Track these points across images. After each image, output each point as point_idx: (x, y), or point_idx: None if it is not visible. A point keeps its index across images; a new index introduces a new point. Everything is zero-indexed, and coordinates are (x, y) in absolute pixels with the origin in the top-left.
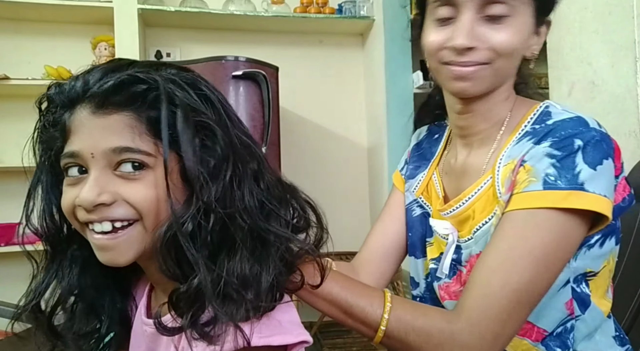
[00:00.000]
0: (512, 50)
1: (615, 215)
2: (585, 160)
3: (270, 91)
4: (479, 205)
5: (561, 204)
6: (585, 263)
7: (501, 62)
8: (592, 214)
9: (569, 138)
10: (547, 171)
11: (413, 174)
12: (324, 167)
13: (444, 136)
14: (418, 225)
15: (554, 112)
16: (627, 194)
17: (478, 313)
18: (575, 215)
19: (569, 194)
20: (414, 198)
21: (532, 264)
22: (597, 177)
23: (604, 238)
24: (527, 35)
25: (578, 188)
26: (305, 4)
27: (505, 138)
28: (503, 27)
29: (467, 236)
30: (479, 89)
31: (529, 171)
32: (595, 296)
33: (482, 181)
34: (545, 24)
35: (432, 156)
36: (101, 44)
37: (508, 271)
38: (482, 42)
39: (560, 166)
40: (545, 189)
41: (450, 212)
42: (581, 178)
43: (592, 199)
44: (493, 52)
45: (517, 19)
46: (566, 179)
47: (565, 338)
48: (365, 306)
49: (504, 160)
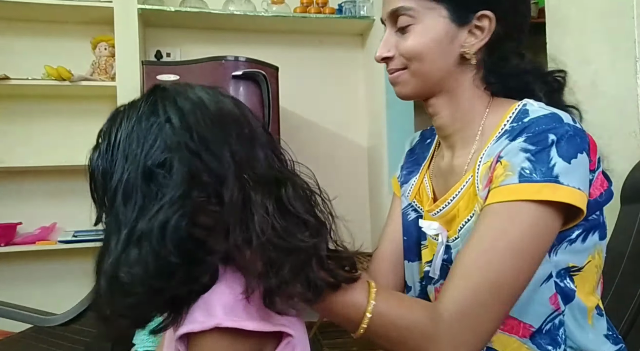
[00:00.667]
0: (418, 53)
1: (593, 210)
2: (560, 154)
3: (270, 91)
4: (462, 204)
5: (536, 196)
6: (567, 258)
7: (416, 65)
8: (568, 207)
9: (543, 133)
10: (522, 165)
11: (407, 179)
12: (324, 168)
13: (435, 140)
14: (413, 229)
15: (531, 109)
16: (604, 189)
17: (460, 308)
18: (551, 207)
19: (543, 186)
20: (409, 202)
21: (511, 256)
22: (571, 170)
23: (585, 233)
24: (442, 36)
25: (552, 180)
26: (305, 4)
27: (486, 138)
28: (409, 34)
29: (454, 236)
30: (408, 90)
31: (505, 166)
32: (581, 291)
33: (464, 180)
34: (483, 18)
35: (424, 160)
36: (101, 44)
37: (487, 263)
38: (396, 50)
39: (535, 160)
40: (520, 182)
41: (438, 212)
42: (556, 171)
43: (566, 191)
44: (404, 58)
45: (422, 25)
46: (541, 172)
47: (554, 335)
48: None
49: (483, 159)
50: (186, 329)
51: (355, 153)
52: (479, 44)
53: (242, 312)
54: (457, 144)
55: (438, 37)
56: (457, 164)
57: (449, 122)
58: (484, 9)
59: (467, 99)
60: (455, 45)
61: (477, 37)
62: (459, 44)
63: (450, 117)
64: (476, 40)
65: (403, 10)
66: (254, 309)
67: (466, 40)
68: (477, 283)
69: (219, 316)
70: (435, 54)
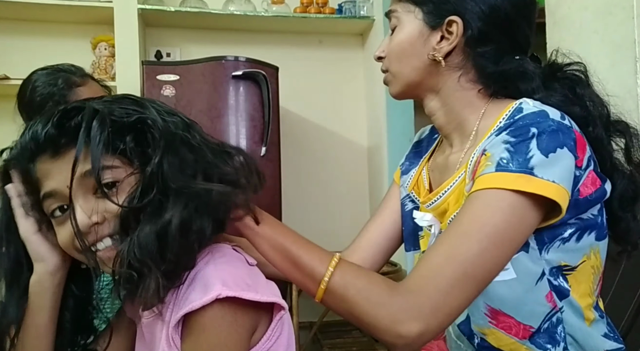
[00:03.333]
0: (395, 53)
1: (584, 208)
2: (539, 147)
3: (270, 91)
4: (452, 198)
5: (511, 185)
6: (559, 257)
7: (394, 65)
8: (546, 200)
9: (525, 126)
10: (501, 155)
11: (407, 170)
12: (324, 168)
13: (439, 136)
14: (409, 219)
15: (525, 108)
16: (596, 187)
17: (420, 280)
18: (526, 198)
19: (518, 177)
20: (407, 193)
21: (481, 239)
22: (548, 164)
23: (580, 232)
24: (416, 37)
25: (527, 172)
26: (305, 4)
27: (481, 136)
28: (394, 35)
29: (445, 229)
30: (393, 90)
31: (487, 157)
32: (575, 291)
33: (457, 175)
34: (452, 23)
35: (426, 153)
36: (101, 44)
37: (456, 244)
38: (386, 51)
39: (514, 151)
40: (497, 171)
41: (431, 204)
42: (532, 163)
43: (541, 184)
44: (388, 58)
45: (402, 27)
46: (517, 163)
47: (552, 333)
48: (313, 260)
49: (475, 155)
50: (186, 309)
51: (355, 153)
52: (448, 48)
53: (238, 284)
54: (455, 141)
55: (412, 37)
56: (452, 160)
57: (445, 122)
58: (452, 14)
59: (458, 100)
60: (427, 48)
61: (448, 41)
62: (431, 46)
63: (445, 117)
64: (447, 43)
65: (391, 13)
66: (248, 282)
67: (438, 44)
68: (442, 261)
69: (218, 288)
70: (409, 54)
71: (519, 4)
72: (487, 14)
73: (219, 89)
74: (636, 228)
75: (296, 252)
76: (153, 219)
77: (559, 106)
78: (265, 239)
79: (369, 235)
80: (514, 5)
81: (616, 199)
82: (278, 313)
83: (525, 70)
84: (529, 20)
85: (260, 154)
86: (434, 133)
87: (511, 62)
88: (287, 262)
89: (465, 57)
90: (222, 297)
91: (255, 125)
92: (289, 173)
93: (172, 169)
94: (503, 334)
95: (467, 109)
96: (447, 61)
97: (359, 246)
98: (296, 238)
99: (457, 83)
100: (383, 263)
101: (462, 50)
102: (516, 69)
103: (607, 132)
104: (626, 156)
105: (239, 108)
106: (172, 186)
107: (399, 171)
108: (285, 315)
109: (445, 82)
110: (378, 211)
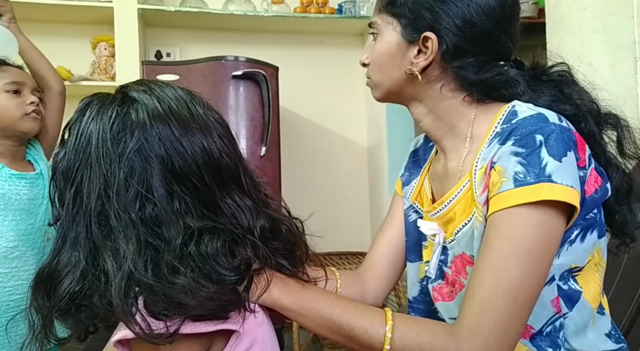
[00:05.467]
0: (374, 63)
1: (590, 207)
2: (550, 153)
3: (270, 91)
4: (459, 207)
5: (533, 198)
6: (569, 259)
7: (374, 74)
8: (566, 205)
9: (530, 135)
10: (515, 169)
11: (408, 181)
12: (324, 167)
13: None
14: (413, 230)
15: (519, 110)
16: (599, 185)
17: (477, 319)
18: (549, 207)
19: (538, 187)
20: (410, 203)
21: (519, 261)
22: (562, 168)
23: (584, 232)
24: (395, 50)
25: (546, 180)
26: (305, 4)
27: (478, 141)
28: (374, 45)
29: (451, 238)
30: (376, 96)
31: (499, 172)
32: (586, 292)
33: (461, 184)
34: (427, 39)
35: (425, 162)
36: (101, 44)
37: (497, 272)
38: None
39: (527, 163)
40: (516, 186)
41: (436, 213)
42: (548, 171)
43: (561, 190)
44: (369, 66)
45: (382, 37)
46: (534, 174)
47: (555, 337)
48: (368, 328)
49: (479, 163)
50: (120, 335)
51: (355, 153)
52: (425, 63)
53: None
54: (447, 148)
55: (390, 49)
56: (451, 167)
57: (433, 129)
58: (427, 30)
59: (444, 108)
60: (406, 61)
61: (424, 55)
62: (408, 60)
63: (432, 124)
64: (423, 58)
65: (372, 24)
66: None
67: (415, 58)
68: (490, 293)
69: (153, 322)
70: (387, 65)
71: (497, 18)
72: (462, 29)
73: (219, 89)
74: (633, 220)
75: (347, 322)
76: None
77: (550, 106)
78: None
79: (381, 249)
80: (491, 20)
81: (612, 193)
82: (234, 334)
83: (508, 77)
84: (507, 32)
85: (260, 154)
86: (429, 141)
87: (491, 70)
88: (337, 334)
89: (443, 70)
90: None
91: (255, 125)
92: (288, 173)
93: None
94: None
95: (455, 116)
96: (425, 73)
97: (373, 264)
98: (333, 299)
99: (439, 93)
100: (399, 275)
101: (439, 64)
102: (498, 77)
103: (598, 127)
104: (618, 148)
105: (239, 108)
106: None
107: (400, 182)
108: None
109: (427, 92)
110: (385, 224)
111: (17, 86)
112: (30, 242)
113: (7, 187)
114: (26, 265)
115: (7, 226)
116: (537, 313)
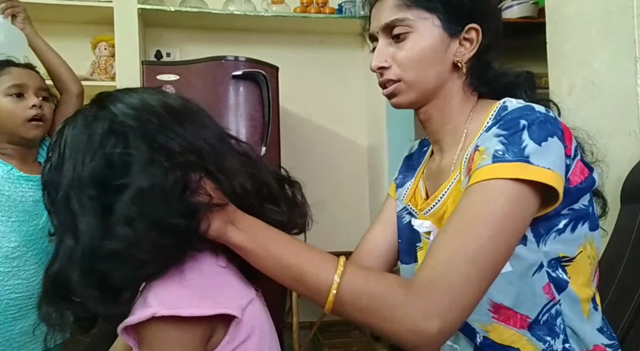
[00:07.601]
0: (416, 61)
1: (575, 196)
2: (531, 137)
3: (270, 91)
4: (450, 200)
5: (509, 174)
6: (557, 248)
7: (411, 73)
8: (543, 187)
9: (515, 119)
10: (496, 147)
11: (402, 183)
12: (324, 167)
13: (430, 147)
14: (407, 231)
15: (510, 105)
16: (585, 176)
17: (434, 276)
18: (525, 185)
19: (515, 165)
20: (404, 205)
21: (488, 229)
22: (542, 152)
23: (574, 223)
24: (437, 44)
25: (523, 160)
26: (305, 4)
27: (471, 137)
28: (405, 43)
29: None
30: (404, 100)
31: (482, 151)
32: (574, 283)
33: (452, 178)
34: (471, 30)
35: (419, 165)
36: (101, 44)
37: (464, 236)
38: (393, 60)
39: (508, 142)
40: (494, 162)
41: (429, 210)
42: (527, 152)
43: (537, 171)
44: (400, 67)
45: (419, 33)
46: (513, 153)
47: (552, 325)
48: (317, 272)
49: (468, 154)
50: (124, 323)
51: (355, 153)
52: (469, 54)
53: (179, 300)
54: (445, 146)
55: (434, 45)
56: (445, 164)
57: (440, 127)
58: (472, 22)
59: (457, 104)
60: (448, 55)
61: (467, 48)
62: (451, 53)
63: (441, 122)
64: (466, 50)
65: (398, 22)
66: (191, 295)
67: (457, 50)
68: (452, 254)
69: (154, 305)
70: (431, 61)
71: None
72: (497, 20)
73: (219, 89)
74: None
75: (297, 264)
76: None
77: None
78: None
79: (368, 249)
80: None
81: None
82: (233, 321)
83: (505, 72)
84: None
85: (260, 154)
86: (423, 146)
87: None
88: (286, 276)
89: (474, 62)
90: (158, 316)
91: (255, 125)
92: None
93: None
94: (504, 327)
95: (459, 113)
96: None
97: (359, 259)
98: (287, 241)
99: (460, 88)
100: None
101: (473, 56)
102: (500, 72)
103: None
104: None
105: (239, 108)
106: None
107: (394, 185)
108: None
109: (453, 88)
110: (375, 223)
111: (19, 89)
112: (32, 243)
113: (14, 189)
114: (27, 265)
115: (10, 227)
116: (529, 302)
